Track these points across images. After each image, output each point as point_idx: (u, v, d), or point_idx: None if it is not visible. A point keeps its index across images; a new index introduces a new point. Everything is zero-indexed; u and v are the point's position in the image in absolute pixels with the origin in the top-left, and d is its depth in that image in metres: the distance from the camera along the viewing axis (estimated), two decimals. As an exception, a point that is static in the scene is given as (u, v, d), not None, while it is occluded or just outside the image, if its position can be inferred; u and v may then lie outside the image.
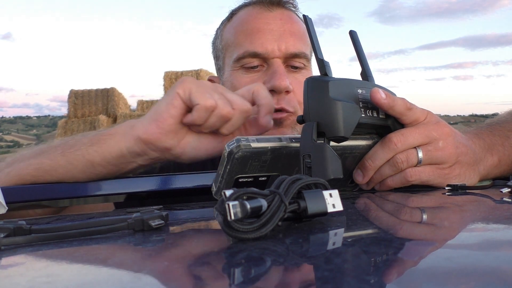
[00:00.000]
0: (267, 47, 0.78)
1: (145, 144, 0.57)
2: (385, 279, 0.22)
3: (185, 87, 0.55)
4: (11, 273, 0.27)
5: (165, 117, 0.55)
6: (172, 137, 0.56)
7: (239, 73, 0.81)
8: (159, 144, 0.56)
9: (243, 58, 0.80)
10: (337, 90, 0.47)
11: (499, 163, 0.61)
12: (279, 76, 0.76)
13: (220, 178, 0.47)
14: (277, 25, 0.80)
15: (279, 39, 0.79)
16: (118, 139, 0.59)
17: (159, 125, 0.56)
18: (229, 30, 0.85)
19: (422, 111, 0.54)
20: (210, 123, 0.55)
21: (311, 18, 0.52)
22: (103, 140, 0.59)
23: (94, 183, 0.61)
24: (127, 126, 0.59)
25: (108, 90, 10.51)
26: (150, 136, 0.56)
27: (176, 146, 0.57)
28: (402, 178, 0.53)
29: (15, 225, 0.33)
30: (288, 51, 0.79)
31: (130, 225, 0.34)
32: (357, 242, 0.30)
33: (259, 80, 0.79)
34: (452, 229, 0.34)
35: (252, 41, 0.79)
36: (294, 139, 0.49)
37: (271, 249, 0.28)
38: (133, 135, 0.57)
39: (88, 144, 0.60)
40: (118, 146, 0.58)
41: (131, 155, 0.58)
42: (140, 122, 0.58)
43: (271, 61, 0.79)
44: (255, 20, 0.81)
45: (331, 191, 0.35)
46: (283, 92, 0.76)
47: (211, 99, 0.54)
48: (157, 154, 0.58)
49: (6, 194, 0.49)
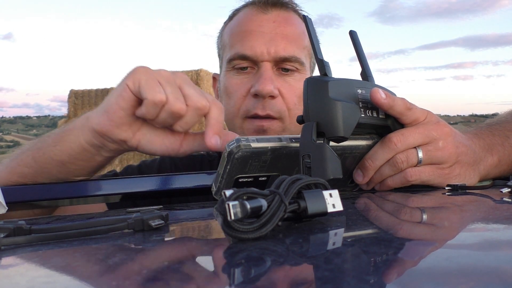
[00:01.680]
0: (256, 50, 0.78)
1: (101, 136, 0.55)
2: (385, 279, 0.22)
3: (135, 78, 0.52)
4: (11, 273, 0.27)
5: (115, 109, 0.53)
6: (125, 129, 0.54)
7: (231, 74, 0.81)
8: (113, 136, 0.54)
9: (233, 60, 0.80)
10: (337, 90, 0.47)
11: (499, 163, 0.61)
12: (263, 80, 0.75)
13: (220, 178, 0.47)
14: (269, 28, 0.80)
15: (269, 42, 0.78)
16: (76, 133, 0.57)
17: (110, 117, 0.53)
18: (227, 31, 0.86)
19: (422, 111, 0.54)
20: (161, 119, 0.52)
21: (311, 18, 0.52)
22: (63, 137, 0.58)
23: (94, 183, 0.61)
24: (83, 119, 0.57)
25: (108, 90, 10.51)
26: (103, 127, 0.54)
27: (131, 138, 0.55)
28: (402, 178, 0.53)
29: (15, 225, 0.33)
30: (278, 55, 0.78)
31: (130, 225, 0.34)
32: (357, 242, 0.30)
33: (248, 82, 0.79)
34: (452, 229, 0.34)
35: (242, 43, 0.79)
36: (294, 139, 0.49)
37: (271, 249, 0.28)
38: (88, 127, 0.55)
39: (52, 144, 0.59)
40: (78, 141, 0.57)
41: (93, 148, 0.57)
42: (94, 113, 0.56)
43: (260, 64, 0.79)
44: (249, 22, 0.82)
45: (331, 191, 0.35)
46: (266, 97, 0.76)
47: (161, 93, 0.50)
48: (115, 145, 0.56)
49: (6, 194, 0.49)
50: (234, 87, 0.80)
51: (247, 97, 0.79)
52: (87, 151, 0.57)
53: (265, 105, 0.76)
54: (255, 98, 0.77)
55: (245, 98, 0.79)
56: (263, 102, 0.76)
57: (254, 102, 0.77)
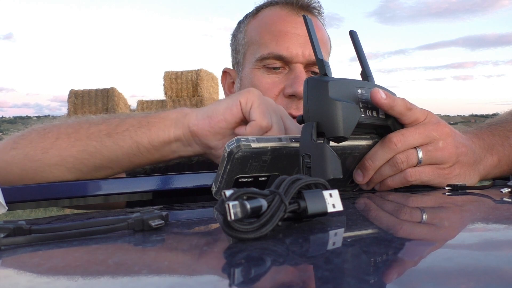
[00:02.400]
0: (292, 51, 0.79)
1: (192, 136, 0.57)
2: (385, 279, 0.22)
3: (249, 99, 0.55)
4: (11, 273, 0.27)
5: (219, 118, 0.56)
6: (218, 139, 0.57)
7: (260, 72, 0.82)
8: (205, 140, 0.57)
9: (266, 59, 0.81)
10: (337, 90, 0.47)
11: (499, 163, 0.61)
12: (301, 82, 0.76)
13: (220, 178, 0.47)
14: (303, 31, 0.80)
15: (304, 45, 0.80)
16: (168, 124, 0.59)
17: (211, 123, 0.56)
18: (255, 27, 0.86)
19: (422, 111, 0.54)
20: None
21: (311, 18, 0.52)
22: (152, 123, 0.59)
23: (94, 183, 0.61)
24: (180, 113, 0.59)
25: (108, 90, 10.52)
26: (200, 129, 0.56)
27: (218, 148, 0.58)
28: (402, 178, 0.53)
29: (15, 225, 0.32)
30: (311, 58, 0.79)
31: (130, 225, 0.34)
32: (357, 242, 0.30)
33: (280, 82, 0.80)
34: (452, 229, 0.34)
35: (278, 43, 0.80)
36: (294, 139, 0.49)
37: (271, 249, 0.28)
38: (183, 123, 0.58)
39: (137, 125, 0.59)
40: (167, 131, 0.58)
41: (176, 143, 0.59)
42: (194, 112, 0.58)
43: (293, 66, 0.80)
44: (283, 22, 0.82)
45: (331, 191, 0.35)
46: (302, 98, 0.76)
47: (268, 119, 0.54)
48: (199, 149, 0.59)
49: (6, 194, 0.49)
50: (265, 85, 0.81)
51: (279, 96, 0.80)
52: (169, 144, 0.59)
53: (299, 106, 0.77)
54: (289, 99, 0.78)
55: (277, 98, 0.80)
56: (297, 103, 0.77)
57: (288, 102, 0.78)
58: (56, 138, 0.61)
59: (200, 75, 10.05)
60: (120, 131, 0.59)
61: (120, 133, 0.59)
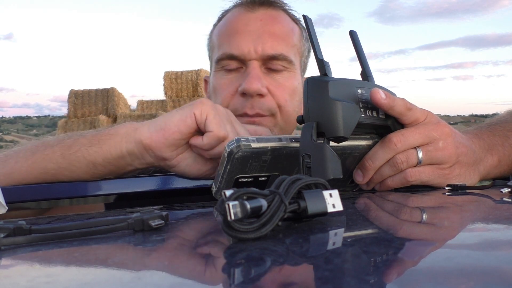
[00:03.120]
0: (243, 49, 0.77)
1: (145, 149, 0.57)
2: (385, 279, 0.22)
3: (203, 110, 0.55)
4: (11, 273, 0.27)
5: (173, 130, 0.56)
6: (172, 150, 0.57)
7: (219, 74, 0.81)
8: (159, 153, 0.57)
9: (222, 60, 0.80)
10: (337, 90, 0.47)
11: (499, 163, 0.61)
12: (249, 79, 0.75)
13: (220, 178, 0.47)
14: (256, 26, 0.79)
15: (256, 41, 0.77)
16: (118, 140, 0.58)
17: (165, 135, 0.56)
18: (215, 32, 0.86)
19: (422, 111, 0.54)
20: (215, 152, 0.56)
21: (311, 18, 0.52)
22: (103, 140, 0.59)
23: (94, 183, 0.61)
24: (130, 128, 0.59)
25: (108, 90, 10.52)
26: (153, 142, 0.56)
27: (172, 159, 0.58)
28: (402, 178, 0.53)
29: (15, 225, 0.33)
30: (265, 53, 0.77)
31: (130, 225, 0.34)
32: (357, 242, 0.30)
33: (235, 81, 0.78)
34: (452, 229, 0.34)
35: (229, 43, 0.79)
36: (294, 139, 0.49)
37: (271, 249, 0.28)
38: (135, 138, 0.57)
39: (88, 145, 0.60)
40: (119, 147, 0.58)
41: (131, 157, 0.58)
42: (145, 126, 0.58)
43: (248, 63, 0.78)
44: (235, 21, 0.81)
45: (331, 191, 0.35)
46: (254, 95, 0.75)
47: (225, 130, 0.55)
48: (152, 160, 0.59)
49: (6, 194, 0.49)
50: (222, 86, 0.80)
51: (235, 96, 0.78)
52: (123, 158, 0.59)
53: (254, 104, 0.75)
54: (243, 97, 0.76)
55: (233, 97, 0.78)
56: (251, 101, 0.75)
57: (243, 101, 0.76)
58: (15, 162, 0.62)
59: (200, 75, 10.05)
60: (73, 152, 0.60)
61: (73, 154, 0.60)
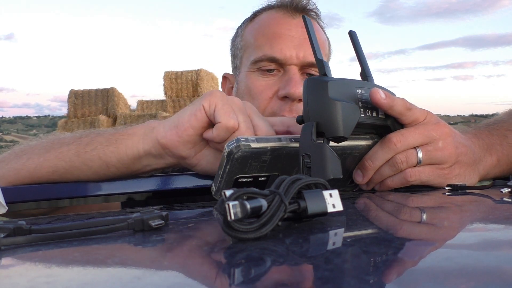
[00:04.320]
0: (286, 53, 0.79)
1: (162, 149, 0.56)
2: (385, 279, 0.22)
3: (212, 101, 0.54)
4: (11, 273, 0.27)
5: (186, 127, 0.54)
6: (189, 147, 0.55)
7: (255, 75, 0.81)
8: (176, 151, 0.55)
9: (260, 61, 0.80)
10: (337, 90, 0.47)
11: (498, 163, 0.61)
12: (294, 83, 0.76)
13: (219, 178, 0.47)
14: (298, 33, 0.80)
15: (298, 47, 0.79)
16: (136, 140, 0.57)
17: (179, 132, 0.55)
18: (250, 31, 0.86)
19: (421, 111, 0.54)
20: None
21: (310, 19, 0.52)
22: (120, 140, 0.58)
23: (95, 183, 0.61)
24: (148, 128, 0.58)
25: (108, 90, 10.53)
26: (169, 141, 0.55)
27: (192, 157, 0.56)
28: (402, 178, 0.53)
29: (15, 225, 0.32)
30: (306, 60, 0.79)
31: (130, 225, 0.34)
32: (357, 242, 0.30)
33: (274, 85, 0.79)
34: (452, 229, 0.34)
35: (271, 45, 0.80)
36: (293, 139, 0.49)
37: (271, 249, 0.28)
38: (152, 138, 0.56)
39: (105, 144, 0.59)
40: (136, 147, 0.57)
41: (147, 157, 0.57)
42: (161, 125, 0.57)
43: (288, 68, 0.79)
44: (277, 25, 0.82)
45: (331, 191, 0.35)
46: (296, 100, 0.76)
47: (234, 119, 0.52)
48: (173, 160, 0.57)
49: (6, 194, 0.49)
50: (259, 88, 0.80)
51: (273, 99, 0.79)
52: (139, 159, 0.58)
53: (292, 108, 0.77)
54: (282, 101, 0.78)
55: (271, 100, 0.79)
56: (290, 105, 0.77)
57: (281, 104, 0.78)
58: (27, 158, 0.61)
59: (200, 75, 10.06)
60: (89, 150, 0.59)
61: (88, 152, 0.59)
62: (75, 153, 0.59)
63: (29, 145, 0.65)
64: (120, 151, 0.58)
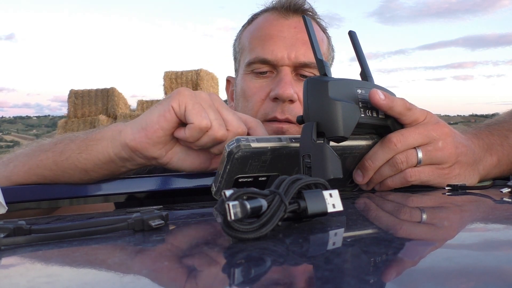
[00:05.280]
0: (277, 55, 0.79)
1: (132, 151, 0.55)
2: (385, 279, 0.22)
3: (181, 101, 0.53)
4: (11, 273, 0.27)
5: (155, 128, 0.54)
6: (160, 148, 0.55)
7: (249, 77, 0.82)
8: (146, 153, 0.55)
9: (253, 63, 0.80)
10: (337, 90, 0.47)
11: (498, 163, 0.61)
12: (283, 84, 0.76)
13: (220, 178, 0.47)
14: (290, 33, 0.80)
15: (290, 47, 0.79)
16: (105, 144, 0.57)
17: (148, 134, 0.54)
18: (246, 35, 0.86)
19: (421, 111, 0.54)
20: (201, 143, 0.54)
21: (310, 19, 0.52)
22: (90, 146, 0.58)
23: (94, 183, 0.61)
24: (115, 131, 0.57)
25: (108, 90, 10.52)
26: (138, 144, 0.54)
27: (163, 156, 0.56)
28: (402, 178, 0.53)
29: (15, 225, 0.33)
30: (298, 60, 0.79)
31: (130, 225, 0.34)
32: (357, 242, 0.30)
33: (266, 86, 0.80)
34: (452, 229, 0.34)
35: (263, 47, 0.80)
36: (294, 139, 0.49)
37: (271, 249, 0.28)
38: (120, 141, 0.56)
39: (77, 151, 0.59)
40: (106, 152, 0.57)
41: (120, 160, 0.57)
42: (128, 127, 0.56)
43: (280, 69, 0.79)
44: (270, 26, 0.82)
45: (331, 191, 0.35)
46: (286, 101, 0.76)
47: (206, 119, 0.52)
48: (144, 161, 0.57)
49: (6, 194, 0.49)
50: (252, 90, 0.80)
51: (265, 100, 0.79)
52: (113, 163, 0.58)
53: (284, 109, 0.76)
54: (274, 102, 0.78)
55: (263, 102, 0.79)
56: (282, 106, 0.77)
57: (273, 105, 0.78)
58: (14, 166, 0.62)
59: (200, 75, 10.05)
60: (64, 159, 0.59)
61: (65, 161, 0.59)
62: (53, 162, 0.60)
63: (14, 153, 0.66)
64: (93, 157, 0.58)
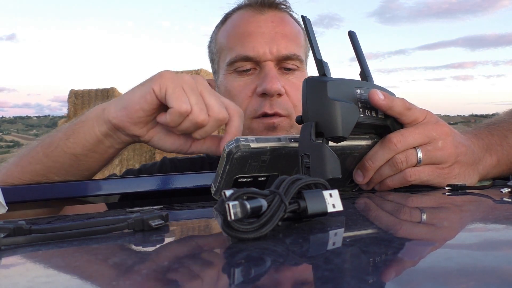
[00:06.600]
0: (259, 50, 0.78)
1: (115, 128, 0.57)
2: (385, 279, 0.22)
3: (162, 84, 0.54)
4: (11, 273, 0.27)
5: (136, 108, 0.55)
6: (141, 127, 0.57)
7: (232, 76, 0.81)
8: (128, 131, 0.57)
9: (235, 62, 0.80)
10: (336, 90, 0.47)
11: (498, 163, 0.61)
12: (270, 79, 0.76)
13: (219, 178, 0.47)
14: (268, 28, 0.80)
15: (270, 42, 0.79)
16: (91, 124, 0.58)
17: (129, 114, 0.56)
18: (223, 34, 0.86)
19: (421, 111, 0.54)
20: (182, 127, 0.54)
21: (309, 18, 0.52)
22: (77, 129, 0.59)
23: (95, 183, 0.61)
24: (99, 110, 0.59)
25: (108, 90, 10.51)
26: (119, 122, 0.56)
27: (144, 135, 0.58)
28: (402, 178, 0.53)
29: (15, 225, 0.33)
30: (280, 54, 0.78)
31: (130, 225, 0.34)
32: (357, 242, 0.30)
33: (251, 83, 0.79)
34: (452, 229, 0.34)
35: (243, 44, 0.79)
36: (293, 139, 0.49)
37: (271, 249, 0.28)
38: (104, 119, 0.57)
39: (65, 138, 0.60)
40: (93, 132, 0.58)
41: (108, 139, 0.59)
42: (112, 105, 0.58)
43: (263, 64, 0.79)
44: (247, 23, 0.82)
45: (331, 191, 0.35)
46: (274, 95, 0.76)
47: (187, 103, 0.53)
48: (128, 138, 0.59)
49: (6, 194, 0.49)
50: (237, 89, 0.80)
51: (252, 97, 0.79)
52: (101, 142, 0.59)
53: (272, 103, 0.77)
54: (262, 98, 0.78)
55: (250, 99, 0.79)
56: (270, 101, 0.77)
57: (261, 101, 0.77)
58: (7, 169, 0.64)
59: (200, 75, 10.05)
60: (53, 148, 0.60)
61: (54, 151, 0.60)
62: (43, 155, 0.61)
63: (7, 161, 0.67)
64: (80, 139, 0.59)
